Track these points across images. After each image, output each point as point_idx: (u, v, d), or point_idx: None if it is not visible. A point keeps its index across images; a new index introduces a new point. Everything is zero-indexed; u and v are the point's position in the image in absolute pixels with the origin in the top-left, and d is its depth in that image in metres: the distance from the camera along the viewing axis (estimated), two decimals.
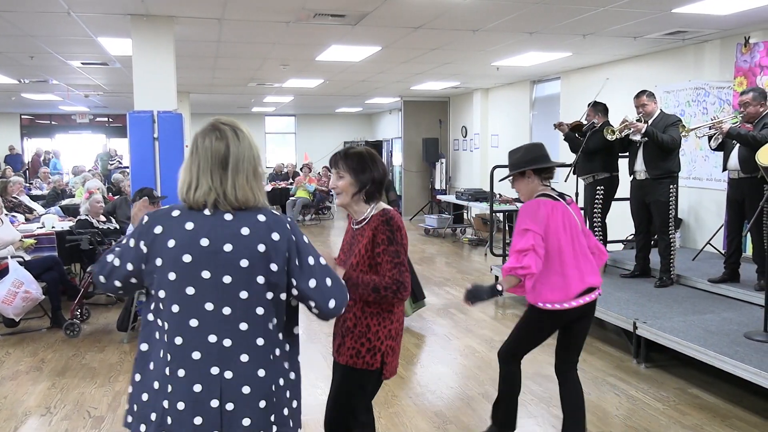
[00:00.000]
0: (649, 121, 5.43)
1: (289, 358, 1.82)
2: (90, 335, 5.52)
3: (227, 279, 1.67)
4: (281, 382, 1.76)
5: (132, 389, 1.78)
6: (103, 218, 6.47)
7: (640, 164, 5.49)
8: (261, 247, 1.68)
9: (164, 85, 5.90)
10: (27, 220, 7.20)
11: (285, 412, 1.77)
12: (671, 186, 5.40)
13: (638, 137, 5.42)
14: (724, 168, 5.18)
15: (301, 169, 15.17)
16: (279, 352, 1.77)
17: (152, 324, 1.76)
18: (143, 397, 1.73)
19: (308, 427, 3.37)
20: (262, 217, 1.72)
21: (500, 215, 8.69)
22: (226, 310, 1.67)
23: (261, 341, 1.71)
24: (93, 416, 3.85)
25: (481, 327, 5.68)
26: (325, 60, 8.35)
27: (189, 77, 10.04)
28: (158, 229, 1.71)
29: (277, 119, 19.74)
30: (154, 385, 1.71)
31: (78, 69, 9.00)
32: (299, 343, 1.90)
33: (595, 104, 5.97)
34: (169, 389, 1.68)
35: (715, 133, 5.07)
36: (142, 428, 1.71)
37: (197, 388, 1.66)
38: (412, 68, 9.40)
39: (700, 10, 5.63)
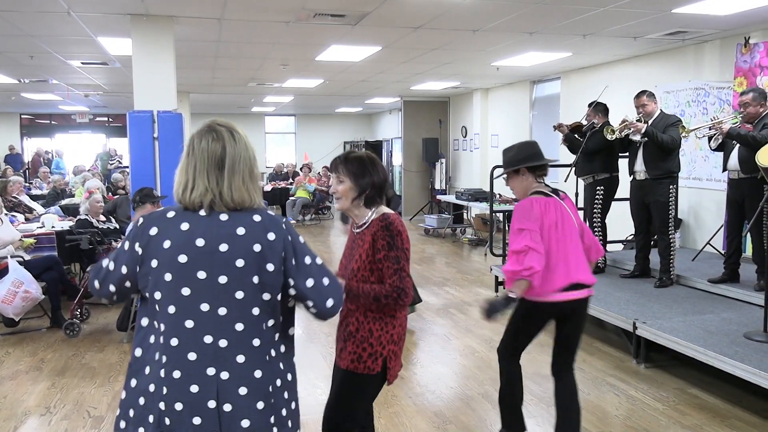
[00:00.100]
0: (649, 122, 5.43)
1: (285, 359, 1.82)
2: (90, 335, 5.52)
3: (223, 279, 1.67)
4: (278, 383, 1.76)
5: (126, 395, 1.76)
6: (102, 218, 6.47)
7: (640, 164, 5.49)
8: (257, 247, 1.68)
9: (164, 84, 5.90)
10: (27, 219, 7.20)
11: (283, 413, 1.77)
12: (671, 186, 5.40)
13: (638, 137, 5.42)
14: (724, 168, 5.18)
15: (301, 169, 15.17)
16: (275, 353, 1.76)
17: (146, 328, 1.76)
18: (140, 401, 1.71)
19: (308, 427, 3.37)
20: (257, 218, 1.72)
21: (500, 215, 8.69)
22: (222, 311, 1.67)
23: (257, 342, 1.71)
24: (93, 416, 3.85)
25: (481, 327, 5.68)
26: (325, 60, 8.35)
27: (189, 77, 10.04)
28: (153, 231, 1.71)
29: (277, 119, 19.74)
30: (150, 388, 1.70)
31: (78, 69, 9.00)
32: (294, 345, 1.90)
33: (596, 105, 5.97)
34: (164, 391, 1.67)
35: (715, 134, 5.07)
36: (141, 431, 1.70)
37: (194, 388, 1.66)
38: (412, 68, 9.40)
39: (700, 11, 5.63)
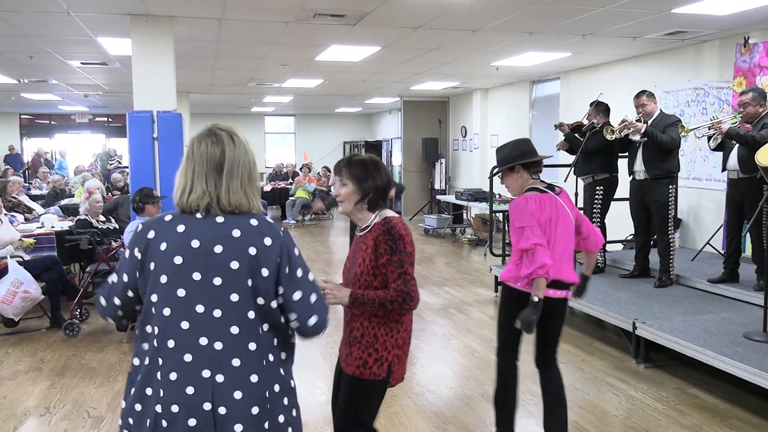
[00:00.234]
0: (648, 122, 5.43)
1: (286, 365, 1.81)
2: (89, 335, 5.51)
3: (217, 281, 1.67)
4: (276, 388, 1.74)
5: (125, 404, 1.76)
6: (102, 218, 6.47)
7: (640, 164, 5.49)
8: (252, 250, 1.68)
9: (164, 85, 5.90)
10: (26, 219, 7.20)
11: (280, 419, 1.74)
12: (670, 186, 5.41)
13: (638, 137, 5.42)
14: (724, 168, 5.18)
15: (300, 169, 15.17)
16: (273, 357, 1.75)
17: (142, 335, 1.76)
18: (136, 407, 1.71)
19: (307, 427, 3.37)
20: (254, 222, 1.72)
21: (500, 215, 8.69)
22: (217, 313, 1.67)
23: (253, 346, 1.70)
24: (92, 416, 3.85)
25: (481, 327, 5.68)
26: (325, 60, 8.35)
27: (188, 77, 10.04)
28: (151, 234, 1.72)
29: (277, 119, 19.74)
30: (147, 391, 1.70)
31: (77, 69, 9.00)
32: (294, 351, 1.88)
33: (597, 104, 5.96)
34: (161, 393, 1.67)
35: (714, 133, 5.07)
36: None
37: (190, 390, 1.65)
38: (412, 68, 9.40)
39: (700, 11, 5.63)
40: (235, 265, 1.67)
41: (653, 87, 6.72)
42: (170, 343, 1.68)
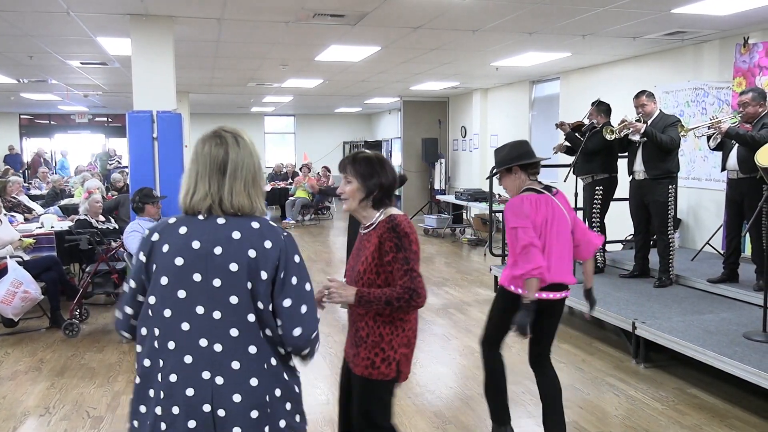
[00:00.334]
0: (648, 122, 5.44)
1: (289, 370, 1.77)
2: (89, 335, 5.51)
3: (217, 282, 1.66)
4: (278, 393, 1.72)
5: (130, 407, 1.77)
6: (102, 218, 6.47)
7: (639, 164, 5.49)
8: (251, 253, 1.67)
9: (163, 84, 5.90)
10: (26, 219, 7.20)
11: (281, 424, 1.72)
12: (670, 186, 5.41)
13: (637, 137, 5.43)
14: (723, 168, 5.18)
15: (300, 169, 15.17)
16: (276, 361, 1.73)
17: (138, 336, 1.76)
18: (140, 409, 1.72)
19: (308, 427, 3.36)
20: (255, 224, 1.71)
21: (500, 215, 8.69)
22: (216, 314, 1.66)
23: (253, 349, 1.68)
24: (92, 416, 3.85)
25: (481, 327, 5.66)
26: (325, 60, 8.35)
27: (188, 77, 10.04)
28: (155, 237, 1.73)
29: (277, 119, 19.75)
30: (149, 393, 1.70)
31: (77, 69, 9.00)
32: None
33: (599, 104, 5.96)
34: (161, 395, 1.67)
35: (713, 133, 5.08)
36: None
37: (190, 392, 1.65)
38: (412, 68, 9.40)
39: (700, 11, 5.63)
40: (234, 267, 1.66)
41: (653, 87, 6.72)
42: (170, 345, 1.68)
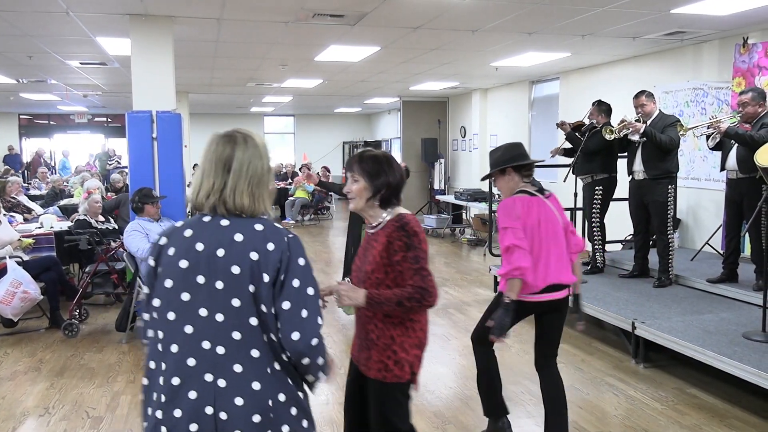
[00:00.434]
0: (647, 122, 5.44)
1: (294, 374, 1.74)
2: (88, 335, 5.51)
3: (219, 285, 1.66)
4: (281, 398, 1.69)
5: (141, 409, 1.79)
6: (101, 218, 6.47)
7: (639, 164, 5.49)
8: (254, 255, 1.65)
9: (163, 85, 5.90)
10: (25, 220, 7.20)
11: (284, 429, 1.70)
12: (669, 186, 5.41)
13: (637, 137, 5.43)
14: (722, 168, 5.18)
15: (300, 169, 15.16)
16: (279, 366, 1.70)
17: (149, 340, 1.76)
18: (148, 411, 1.73)
19: None
20: (259, 227, 1.70)
21: None
22: (219, 317, 1.65)
23: (256, 353, 1.66)
24: (91, 416, 3.85)
25: None
26: (324, 60, 8.35)
27: (188, 77, 10.03)
28: (163, 241, 1.75)
29: (276, 119, 19.75)
30: (153, 396, 1.71)
31: (76, 69, 8.99)
32: None
33: (600, 104, 5.95)
34: (162, 399, 1.67)
35: (713, 133, 5.08)
36: None
37: (192, 394, 1.65)
38: (411, 68, 9.40)
39: (699, 11, 5.64)
40: (236, 269, 1.65)
41: (652, 87, 6.73)
42: (173, 348, 1.68)
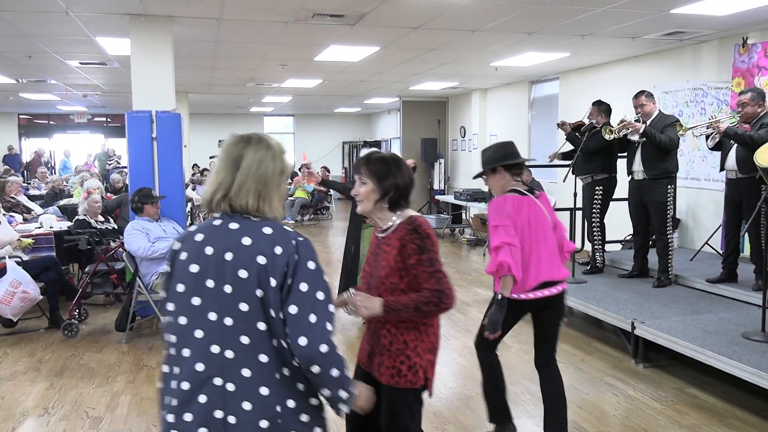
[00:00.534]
0: (647, 122, 5.44)
1: (306, 380, 1.70)
2: (88, 335, 5.51)
3: (228, 289, 1.65)
4: (290, 404, 1.68)
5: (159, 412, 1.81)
6: (101, 218, 6.47)
7: (638, 164, 5.50)
8: (261, 259, 1.64)
9: (163, 85, 5.90)
10: (25, 220, 7.19)
11: None
12: (669, 186, 5.41)
13: (636, 137, 5.43)
14: (722, 168, 5.19)
15: (299, 169, 15.16)
16: (290, 372, 1.68)
17: (167, 344, 1.78)
18: (162, 414, 1.74)
19: None
20: (268, 230, 1.68)
21: None
22: (228, 321, 1.65)
23: (264, 358, 1.65)
24: (91, 416, 3.85)
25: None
26: (324, 60, 8.35)
27: (187, 77, 10.03)
28: (177, 246, 1.76)
29: (276, 119, 19.74)
30: (165, 400, 1.73)
31: (76, 69, 8.99)
32: None
33: (599, 104, 5.96)
34: (173, 403, 1.68)
35: (712, 133, 5.08)
36: None
37: (202, 398, 1.65)
38: (411, 68, 9.40)
39: (698, 11, 5.64)
40: (243, 273, 1.64)
41: (652, 87, 6.73)
42: (185, 352, 1.68)
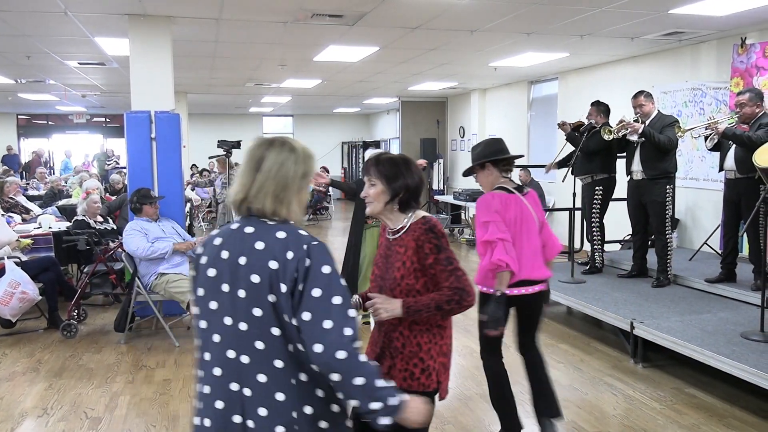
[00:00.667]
0: (646, 122, 5.45)
1: (325, 386, 1.66)
2: (87, 336, 5.50)
3: (242, 293, 1.64)
4: (307, 410, 1.64)
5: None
6: (100, 218, 6.46)
7: (637, 164, 5.50)
8: (273, 264, 1.61)
9: (162, 85, 5.90)
10: (24, 220, 7.19)
11: None
12: (668, 186, 5.42)
13: (635, 137, 5.44)
14: (721, 168, 5.19)
15: None
16: (307, 377, 1.65)
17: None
18: (192, 416, 1.77)
19: None
20: (281, 234, 1.65)
21: None
22: (242, 326, 1.64)
23: (280, 363, 1.63)
24: (90, 417, 3.84)
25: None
26: (323, 60, 8.35)
27: (186, 77, 10.03)
28: (200, 250, 1.77)
29: (275, 119, 19.74)
30: (194, 403, 1.76)
31: (75, 69, 8.99)
32: None
33: (598, 104, 5.96)
34: (201, 406, 1.71)
35: (711, 134, 5.09)
36: None
37: (219, 404, 1.65)
38: (410, 68, 9.40)
39: (697, 11, 5.65)
40: (255, 278, 1.62)
41: (651, 87, 6.74)
42: (206, 356, 1.70)
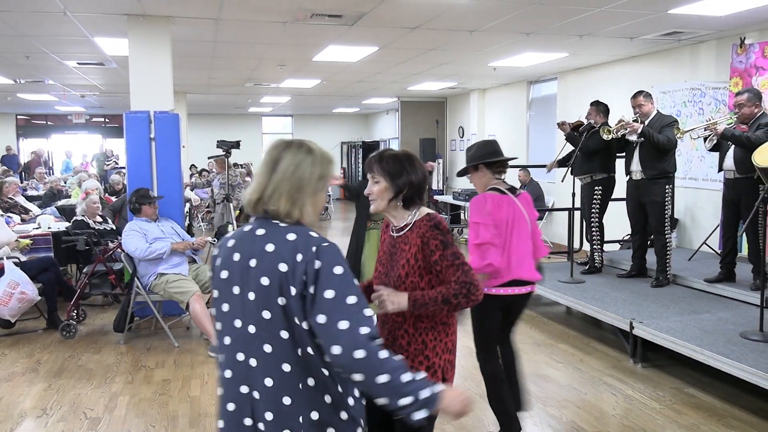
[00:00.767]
0: (645, 122, 5.45)
1: (335, 392, 1.64)
2: (86, 336, 5.50)
3: (251, 296, 1.63)
4: (314, 416, 1.62)
5: None
6: (99, 219, 6.46)
7: (636, 164, 5.50)
8: (282, 267, 1.59)
9: (161, 85, 5.89)
10: (23, 220, 7.18)
11: None
12: (667, 186, 5.42)
13: (634, 137, 5.44)
14: (720, 168, 5.20)
15: None
16: (315, 382, 1.62)
17: None
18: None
19: None
20: (292, 236, 1.63)
21: None
22: (251, 329, 1.63)
23: (287, 367, 1.61)
24: (89, 417, 3.84)
25: None
26: (322, 60, 8.35)
27: (186, 77, 10.02)
28: (215, 251, 1.78)
29: (274, 119, 19.74)
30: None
31: (74, 69, 8.98)
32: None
33: (598, 104, 5.97)
34: (218, 407, 1.74)
35: (709, 134, 5.10)
36: None
37: (230, 406, 1.67)
38: (409, 69, 9.40)
39: (696, 11, 5.65)
40: (265, 281, 1.61)
41: (650, 87, 6.75)
42: (221, 358, 1.72)
